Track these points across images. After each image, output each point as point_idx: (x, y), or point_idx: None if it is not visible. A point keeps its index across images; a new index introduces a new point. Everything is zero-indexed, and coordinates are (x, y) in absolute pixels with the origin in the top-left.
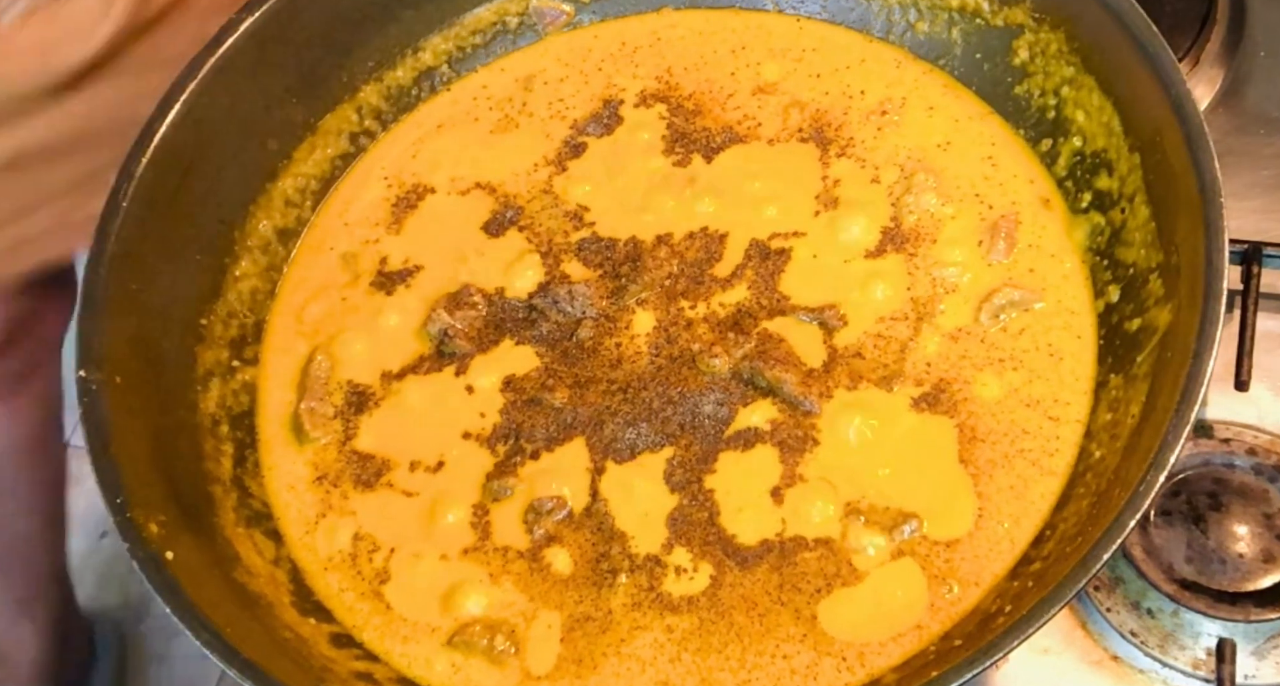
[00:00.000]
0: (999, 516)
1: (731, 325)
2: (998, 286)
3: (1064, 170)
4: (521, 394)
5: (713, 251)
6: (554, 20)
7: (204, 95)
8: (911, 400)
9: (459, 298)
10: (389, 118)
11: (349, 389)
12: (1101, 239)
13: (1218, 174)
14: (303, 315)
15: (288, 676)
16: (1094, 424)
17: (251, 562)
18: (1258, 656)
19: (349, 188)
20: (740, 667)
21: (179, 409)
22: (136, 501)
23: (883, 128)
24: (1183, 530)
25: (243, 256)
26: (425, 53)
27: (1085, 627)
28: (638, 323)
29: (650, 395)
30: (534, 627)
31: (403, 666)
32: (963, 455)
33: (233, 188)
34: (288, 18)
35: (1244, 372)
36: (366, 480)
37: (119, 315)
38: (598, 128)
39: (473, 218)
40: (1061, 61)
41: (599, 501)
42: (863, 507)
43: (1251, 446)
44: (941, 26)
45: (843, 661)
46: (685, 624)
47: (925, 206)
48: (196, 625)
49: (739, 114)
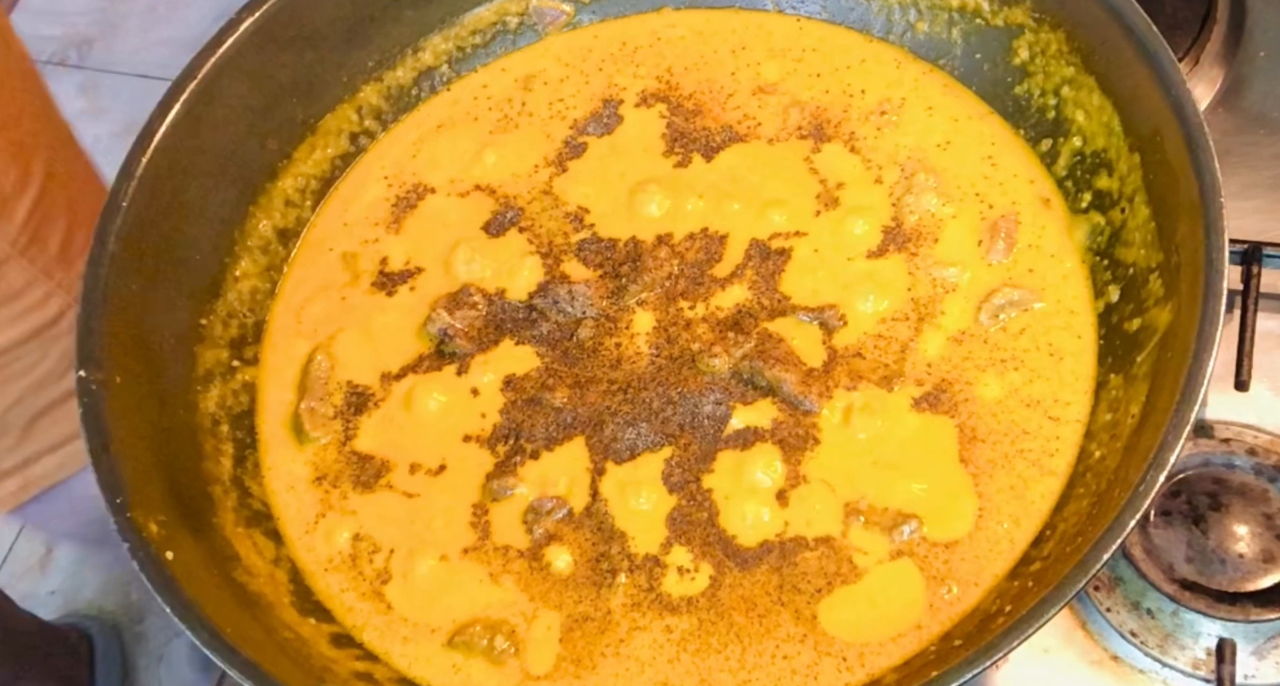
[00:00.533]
0: (999, 516)
1: (731, 325)
2: (997, 286)
3: (1064, 170)
4: (522, 394)
5: (713, 251)
6: (554, 20)
7: (204, 95)
8: (912, 400)
9: (459, 298)
10: (389, 118)
11: (349, 389)
12: (1101, 239)
13: (1218, 174)
14: (303, 315)
15: (288, 676)
16: (1094, 424)
17: (251, 562)
18: (1258, 656)
19: (349, 188)
20: (740, 668)
21: (179, 409)
22: (136, 501)
23: (883, 127)
24: (1183, 530)
25: (243, 256)
26: (425, 53)
27: (1085, 627)
28: (638, 323)
29: (650, 395)
30: (534, 628)
31: (403, 666)
32: (963, 455)
33: (233, 187)
34: (288, 18)
35: (1244, 372)
36: (366, 481)
37: (119, 315)
38: (598, 127)
39: (473, 218)
40: (1061, 61)
41: (599, 501)
42: (862, 508)
43: (1251, 446)
44: (941, 26)
45: (843, 661)
46: (685, 624)
47: (926, 206)
48: (196, 625)
49: (739, 114)
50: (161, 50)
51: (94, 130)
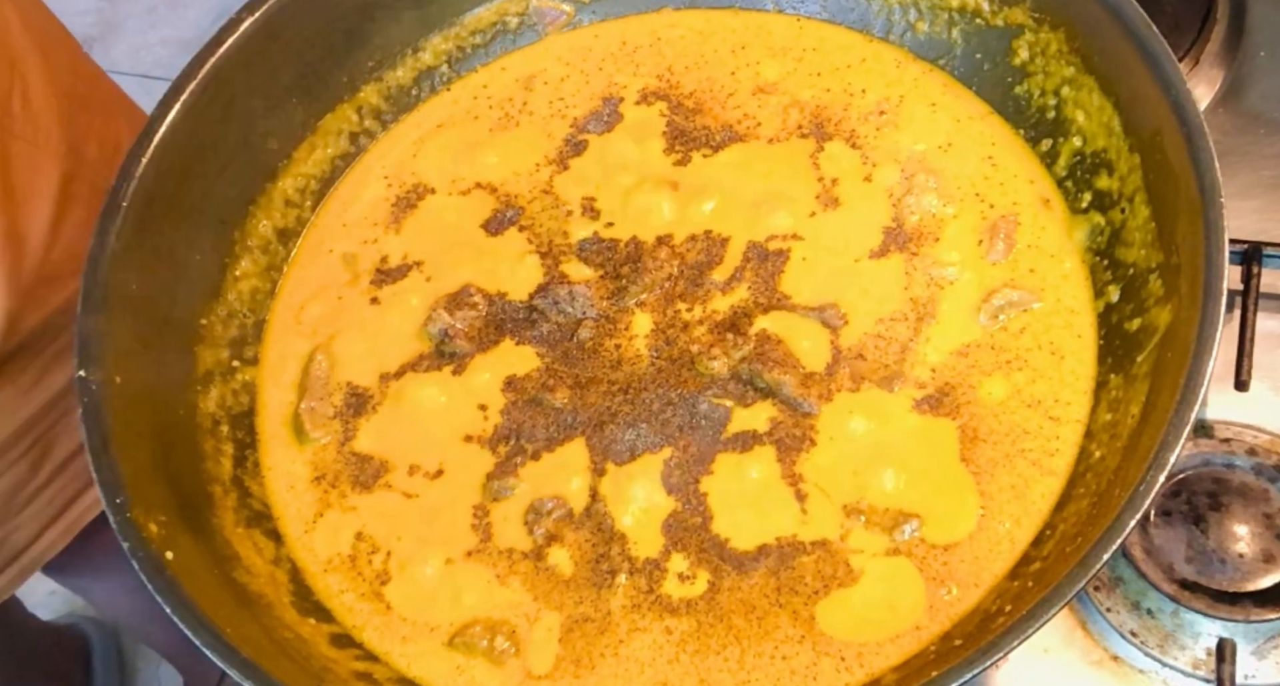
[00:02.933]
0: (1000, 516)
1: (731, 326)
2: (997, 286)
3: (1064, 170)
4: (522, 394)
5: (713, 252)
6: (554, 20)
7: (204, 95)
8: (914, 401)
9: (459, 298)
10: (389, 118)
11: (349, 389)
12: (1101, 239)
13: (1218, 174)
14: (302, 315)
15: (288, 676)
16: (1094, 424)
17: (251, 562)
18: (1258, 656)
19: (349, 188)
20: (739, 668)
21: (179, 409)
22: (136, 501)
23: (883, 127)
24: (1183, 530)
25: (243, 256)
26: (425, 53)
27: (1085, 627)
28: (638, 324)
29: (650, 396)
30: (536, 628)
31: (402, 666)
32: (964, 455)
33: (233, 188)
34: (288, 18)
35: (1244, 372)
36: (365, 481)
37: (119, 315)
38: (599, 125)
39: (473, 217)
40: (1061, 61)
41: (599, 502)
42: (863, 508)
43: (1251, 446)
44: (941, 26)
45: (842, 661)
46: (684, 626)
47: (926, 207)
48: (196, 625)
49: (739, 113)
50: (161, 50)
51: None
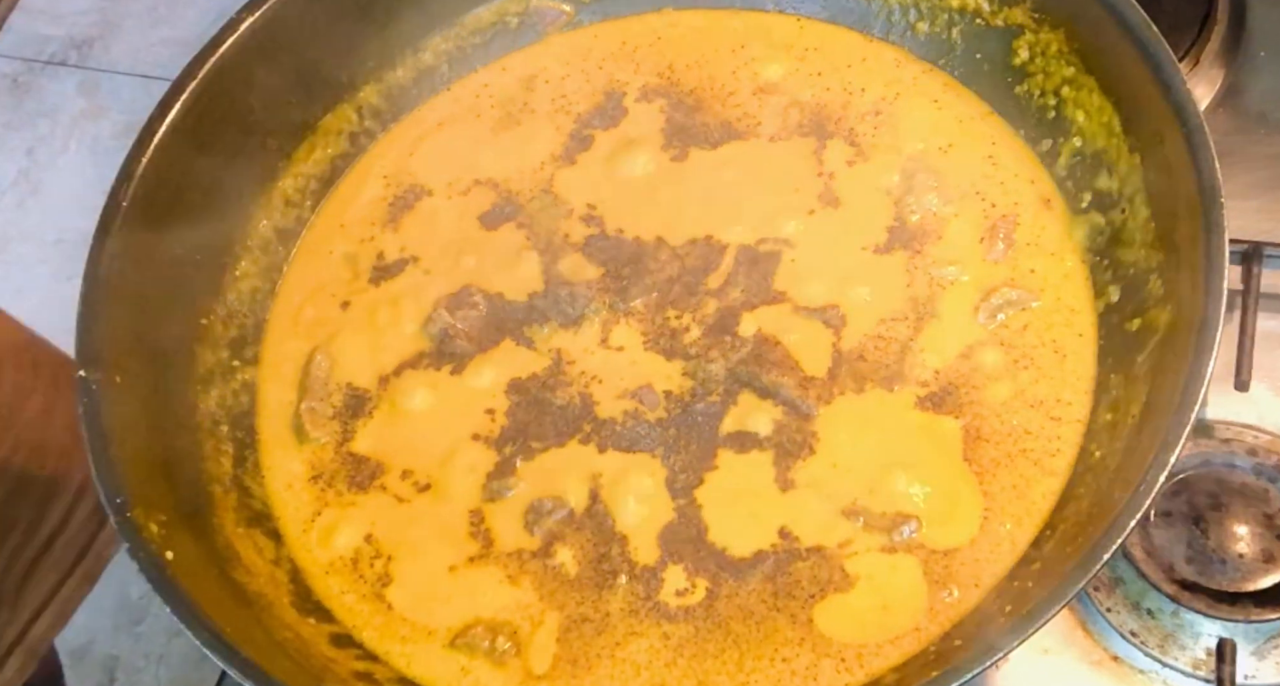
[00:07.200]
0: (1001, 517)
1: (730, 327)
2: (997, 286)
3: (1064, 170)
4: (522, 394)
5: (713, 252)
6: (554, 20)
7: (204, 95)
8: (915, 400)
9: (459, 297)
10: (389, 118)
11: (348, 389)
12: (1101, 239)
13: (1218, 174)
14: (302, 315)
15: (288, 676)
16: (1094, 424)
17: (251, 562)
18: (1258, 656)
19: (349, 187)
20: (738, 671)
21: (179, 409)
22: (136, 501)
23: (883, 127)
24: (1183, 530)
25: (243, 256)
26: (425, 53)
27: (1085, 627)
28: (637, 324)
29: (649, 397)
30: (537, 629)
31: (402, 666)
32: (967, 455)
33: (233, 188)
34: (288, 17)
35: (1244, 372)
36: (363, 482)
37: (119, 315)
38: (602, 121)
39: (472, 216)
40: (1061, 61)
41: (598, 503)
42: (862, 509)
43: (1251, 446)
44: (941, 27)
45: (841, 662)
46: (682, 631)
47: (927, 206)
48: (196, 625)
49: (739, 112)
50: (161, 50)
51: (94, 130)
